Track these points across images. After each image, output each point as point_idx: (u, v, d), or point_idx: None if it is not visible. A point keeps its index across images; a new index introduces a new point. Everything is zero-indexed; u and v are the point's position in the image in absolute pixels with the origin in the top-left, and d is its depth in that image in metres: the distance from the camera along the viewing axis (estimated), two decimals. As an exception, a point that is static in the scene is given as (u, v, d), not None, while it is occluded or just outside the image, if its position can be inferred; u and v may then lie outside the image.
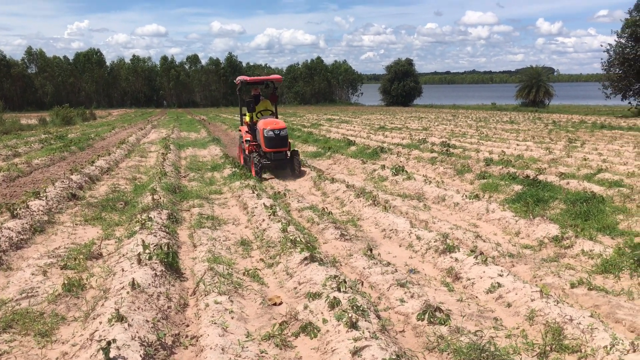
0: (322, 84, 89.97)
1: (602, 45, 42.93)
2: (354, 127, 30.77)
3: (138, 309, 4.77)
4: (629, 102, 41.01)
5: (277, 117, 14.69)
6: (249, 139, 14.39)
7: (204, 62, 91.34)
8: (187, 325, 4.93)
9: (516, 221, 8.36)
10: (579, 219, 8.38)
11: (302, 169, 14.44)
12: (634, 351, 4.10)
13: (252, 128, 14.49)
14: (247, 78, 14.61)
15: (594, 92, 48.53)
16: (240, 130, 15.79)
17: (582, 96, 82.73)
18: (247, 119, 15.06)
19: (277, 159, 13.59)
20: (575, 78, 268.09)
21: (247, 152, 14.53)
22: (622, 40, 39.53)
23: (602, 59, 41.06)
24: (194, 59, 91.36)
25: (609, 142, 19.90)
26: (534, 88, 61.74)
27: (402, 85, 78.77)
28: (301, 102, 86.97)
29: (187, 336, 4.67)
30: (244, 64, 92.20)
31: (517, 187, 10.78)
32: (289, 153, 13.89)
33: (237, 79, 15.24)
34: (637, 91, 39.71)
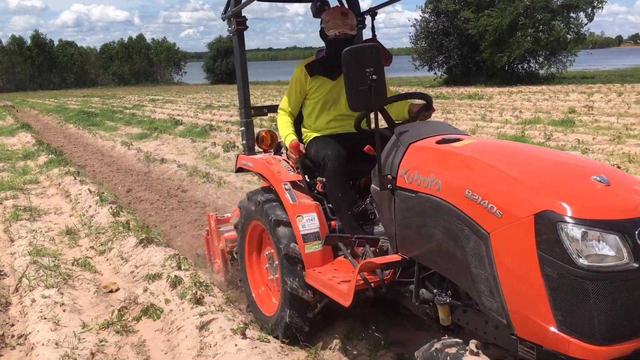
0: (143, 63, 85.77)
1: (409, 20, 46.33)
2: (180, 106, 29.94)
3: (-51, 314, 4.22)
4: (435, 73, 44.87)
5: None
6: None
7: (4, 41, 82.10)
8: (12, 325, 4.47)
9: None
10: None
11: None
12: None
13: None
14: None
15: (405, 65, 52.33)
16: (267, 179, 4.11)
17: (396, 69, 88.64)
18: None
19: None
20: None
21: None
22: (426, 15, 42.99)
23: (410, 33, 44.18)
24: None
25: (421, 110, 21.62)
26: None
27: (225, 62, 77.94)
28: (120, 83, 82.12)
29: (13, 336, 4.24)
30: (55, 42, 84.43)
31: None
32: None
33: None
34: (441, 62, 43.52)
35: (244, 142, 4.48)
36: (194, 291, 4.42)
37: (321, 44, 4.25)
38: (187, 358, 3.76)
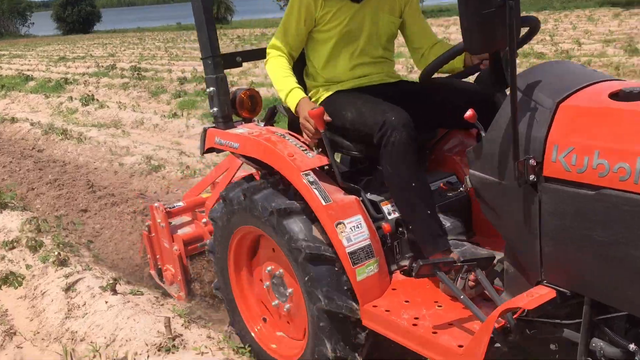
0: (-20, 15, 77.24)
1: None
2: (30, 60, 27.56)
3: None
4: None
5: None
6: None
7: None
8: None
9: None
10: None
11: None
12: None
13: None
14: None
15: (271, 6, 51.64)
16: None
17: (261, 10, 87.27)
18: None
19: None
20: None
21: None
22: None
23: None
24: None
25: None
26: (215, 5, 62.75)
27: (77, 10, 72.08)
28: (-44, 38, 73.58)
29: None
30: None
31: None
32: None
33: None
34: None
35: (216, 109, 2.90)
36: (57, 253, 4.18)
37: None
38: (55, 322, 3.58)
